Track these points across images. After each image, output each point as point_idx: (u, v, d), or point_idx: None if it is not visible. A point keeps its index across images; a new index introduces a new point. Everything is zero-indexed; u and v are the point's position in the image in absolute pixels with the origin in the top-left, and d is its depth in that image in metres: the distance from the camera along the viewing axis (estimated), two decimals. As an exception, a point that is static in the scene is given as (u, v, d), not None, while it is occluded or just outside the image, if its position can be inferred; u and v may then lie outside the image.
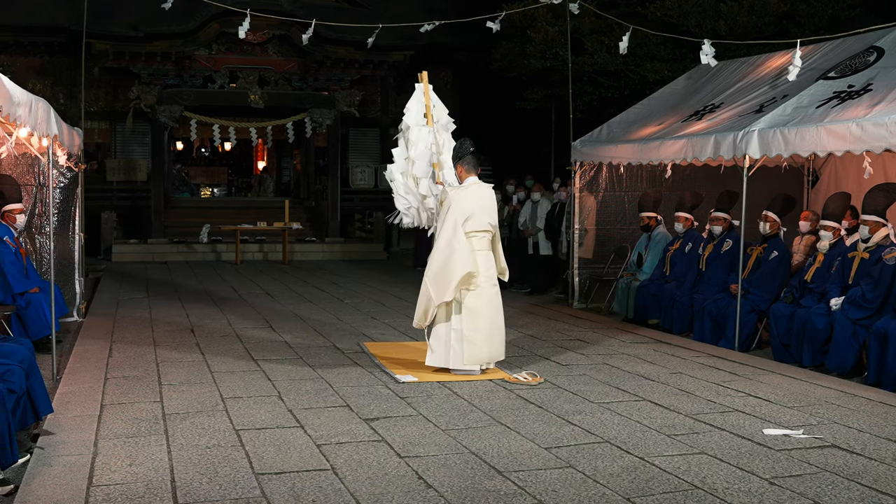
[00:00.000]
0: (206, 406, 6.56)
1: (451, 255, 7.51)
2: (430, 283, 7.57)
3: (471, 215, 7.62)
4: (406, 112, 8.29)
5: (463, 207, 7.60)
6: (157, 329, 9.95)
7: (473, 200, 7.70)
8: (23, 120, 6.29)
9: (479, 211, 7.69)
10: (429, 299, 7.60)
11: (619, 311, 11.40)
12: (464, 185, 7.84)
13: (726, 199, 10.09)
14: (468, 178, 7.86)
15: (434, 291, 7.55)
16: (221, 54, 20.24)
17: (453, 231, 7.54)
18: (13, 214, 8.97)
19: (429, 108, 8.25)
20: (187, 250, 19.44)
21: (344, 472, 5.11)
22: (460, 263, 7.48)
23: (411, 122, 8.21)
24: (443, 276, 7.52)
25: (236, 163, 27.24)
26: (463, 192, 7.73)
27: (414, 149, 8.12)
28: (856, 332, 7.88)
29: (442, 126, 8.31)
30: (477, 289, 7.66)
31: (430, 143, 8.12)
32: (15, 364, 5.40)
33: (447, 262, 7.51)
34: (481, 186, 7.86)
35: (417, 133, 8.14)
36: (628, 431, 6.03)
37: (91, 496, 4.66)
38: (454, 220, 7.55)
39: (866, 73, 8.87)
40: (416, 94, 8.30)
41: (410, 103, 8.29)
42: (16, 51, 20.19)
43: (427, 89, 8.27)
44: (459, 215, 7.56)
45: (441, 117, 8.32)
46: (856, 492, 4.86)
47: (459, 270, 7.48)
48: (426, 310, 7.66)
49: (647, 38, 15.11)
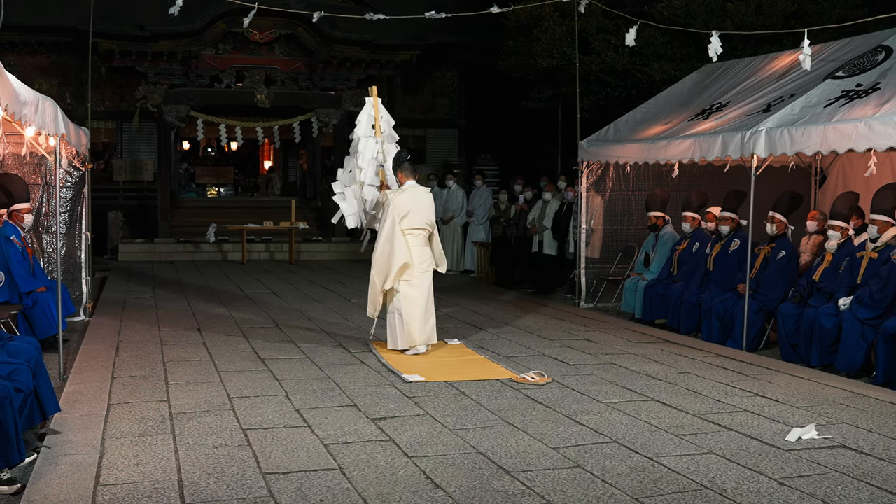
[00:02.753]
0: (213, 405, 6.56)
1: (391, 249, 8.50)
2: (374, 273, 8.66)
3: (407, 214, 8.59)
4: (357, 123, 9.27)
5: (400, 207, 8.58)
6: (163, 328, 9.95)
7: (410, 201, 8.64)
8: (29, 119, 6.29)
9: (414, 210, 8.64)
10: (374, 288, 8.68)
11: (626, 311, 11.39)
12: (402, 188, 8.76)
13: (733, 199, 10.07)
14: (406, 181, 8.77)
15: (378, 279, 8.62)
16: (228, 54, 20.23)
17: (391, 228, 8.53)
18: (21, 214, 8.97)
19: (377, 119, 9.20)
20: (194, 250, 19.44)
21: (351, 471, 5.11)
22: (397, 256, 8.48)
23: (360, 134, 9.20)
24: (384, 266, 8.56)
25: (243, 162, 27.21)
26: (401, 194, 8.67)
27: (362, 158, 9.10)
28: (864, 333, 7.85)
29: (388, 136, 9.31)
30: (412, 279, 8.63)
31: (377, 152, 9.11)
32: (22, 363, 5.40)
33: (387, 255, 8.52)
34: (418, 189, 8.80)
35: (365, 143, 9.13)
36: (636, 431, 6.02)
37: (98, 495, 4.66)
38: (392, 218, 8.54)
39: (874, 72, 8.84)
40: (367, 107, 9.28)
41: (361, 115, 9.27)
42: (23, 50, 20.21)
43: (376, 102, 9.24)
44: (397, 214, 8.55)
45: (386, 129, 9.30)
46: (865, 492, 4.84)
47: (397, 262, 8.48)
48: (372, 299, 8.77)
49: (654, 37, 15.08)
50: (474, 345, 9.14)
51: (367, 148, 9.11)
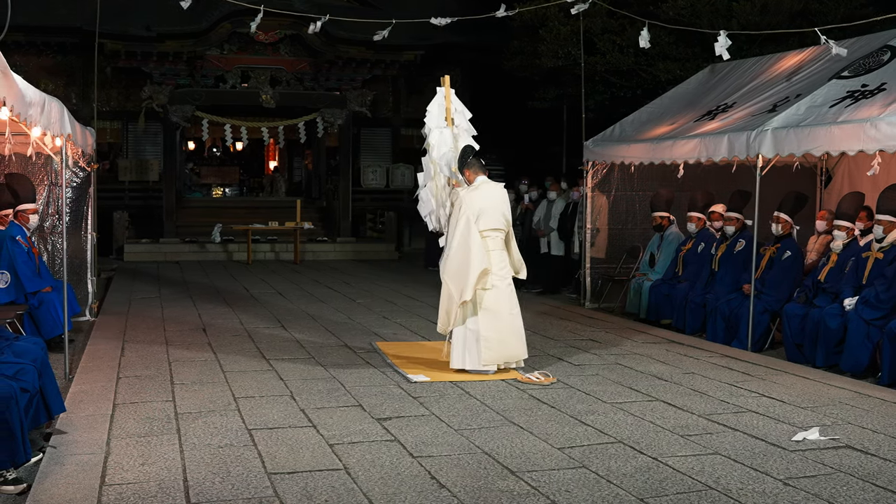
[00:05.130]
0: (219, 405, 6.57)
1: (467, 252, 7.56)
2: (450, 282, 7.65)
3: (481, 213, 7.70)
4: (427, 115, 8.31)
5: (474, 206, 7.68)
6: (169, 328, 9.97)
7: (484, 199, 7.77)
8: (35, 119, 6.30)
9: (490, 208, 7.76)
10: (450, 298, 7.69)
11: (631, 311, 11.38)
12: (474, 185, 7.88)
13: (738, 199, 10.06)
14: (476, 178, 7.90)
15: (455, 290, 7.62)
16: (233, 54, 20.25)
17: (466, 229, 7.60)
18: (26, 214, 8.99)
19: (449, 111, 8.26)
20: (199, 250, 19.47)
21: (356, 471, 5.11)
22: (476, 260, 7.53)
23: (432, 125, 8.24)
24: (460, 274, 7.59)
25: (248, 162, 27.27)
26: (473, 192, 7.79)
27: (437, 151, 8.16)
28: (869, 333, 7.84)
29: (463, 130, 8.30)
30: (492, 288, 7.72)
31: (451, 145, 8.15)
32: (28, 363, 5.41)
33: (463, 260, 7.57)
34: (491, 185, 7.91)
35: (439, 135, 8.18)
36: (641, 432, 6.01)
37: (103, 495, 4.67)
38: (466, 218, 7.62)
39: (880, 72, 8.82)
40: (437, 97, 8.32)
41: (431, 106, 8.31)
42: (28, 51, 20.24)
43: (448, 93, 8.29)
44: (471, 213, 7.64)
45: (461, 122, 8.32)
46: (871, 493, 4.83)
47: (476, 268, 7.52)
48: (448, 310, 7.76)
49: (659, 37, 15.06)
50: (479, 345, 9.12)
51: (442, 141, 8.16)
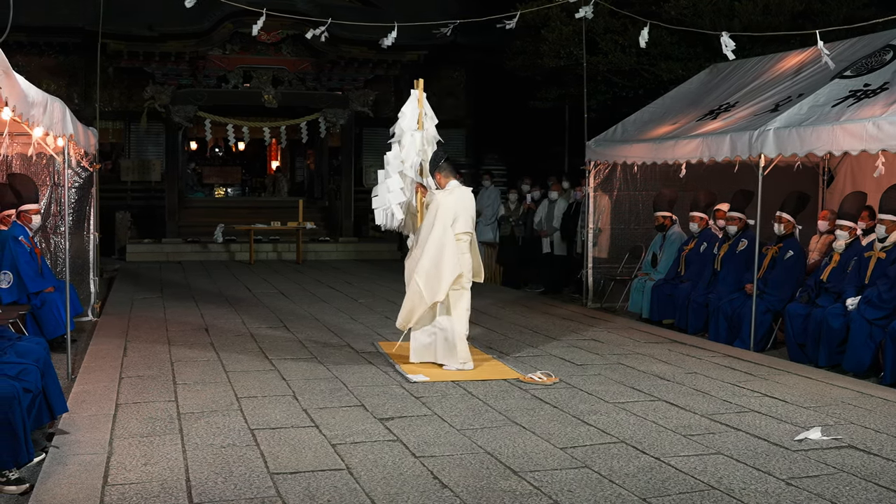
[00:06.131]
0: (221, 405, 6.57)
1: (443, 255, 7.73)
2: (421, 283, 7.76)
3: (457, 217, 7.89)
4: (400, 116, 8.51)
5: (450, 210, 7.85)
6: (171, 328, 9.97)
7: (458, 203, 7.95)
8: (37, 119, 6.30)
9: (463, 212, 7.96)
10: (420, 298, 7.80)
11: (633, 311, 11.37)
12: (449, 189, 8.03)
13: (741, 199, 10.05)
14: (448, 182, 8.08)
15: (427, 291, 7.75)
16: (235, 54, 20.25)
17: (443, 232, 7.77)
18: (29, 214, 8.99)
19: (421, 115, 8.47)
20: (201, 250, 19.48)
21: (359, 471, 5.11)
22: (451, 263, 7.73)
23: (405, 127, 8.45)
24: (434, 275, 7.74)
25: (250, 162, 27.26)
26: (450, 196, 7.94)
27: (406, 153, 8.39)
28: (872, 333, 7.83)
29: (431, 136, 8.55)
30: (461, 289, 7.95)
31: (420, 148, 8.39)
32: (30, 363, 5.41)
33: (439, 263, 7.72)
34: (463, 190, 8.10)
35: (410, 139, 8.40)
36: (644, 431, 6.01)
37: (106, 495, 4.67)
38: (443, 221, 7.78)
39: (882, 71, 8.82)
40: (412, 99, 8.50)
41: (405, 108, 8.50)
42: (31, 51, 20.23)
43: (422, 97, 8.48)
44: (448, 217, 7.81)
45: (430, 128, 8.56)
46: (873, 492, 4.83)
47: (451, 270, 7.73)
48: (413, 309, 7.88)
49: (661, 37, 15.05)
50: (482, 344, 9.13)
51: (412, 144, 8.40)
